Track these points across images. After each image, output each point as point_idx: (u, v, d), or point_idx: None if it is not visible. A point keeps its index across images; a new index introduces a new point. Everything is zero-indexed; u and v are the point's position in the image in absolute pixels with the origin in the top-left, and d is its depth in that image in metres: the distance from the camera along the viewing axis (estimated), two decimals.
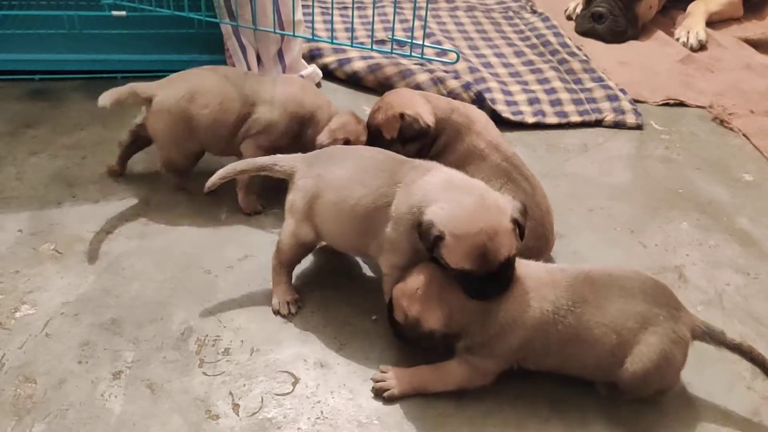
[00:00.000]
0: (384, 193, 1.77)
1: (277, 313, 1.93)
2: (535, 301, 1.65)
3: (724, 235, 2.38)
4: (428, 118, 2.08)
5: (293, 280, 2.00)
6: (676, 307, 1.69)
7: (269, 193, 2.37)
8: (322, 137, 2.18)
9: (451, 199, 1.64)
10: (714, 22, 3.97)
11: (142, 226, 2.22)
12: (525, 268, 1.72)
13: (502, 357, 1.69)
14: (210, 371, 1.76)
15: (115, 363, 1.76)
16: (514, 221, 1.63)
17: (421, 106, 2.11)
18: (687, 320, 1.69)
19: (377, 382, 1.72)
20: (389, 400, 1.70)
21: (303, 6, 3.59)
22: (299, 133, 2.27)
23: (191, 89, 2.22)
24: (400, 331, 1.73)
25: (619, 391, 1.70)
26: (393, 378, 1.72)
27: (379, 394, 1.71)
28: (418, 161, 1.84)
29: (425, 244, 1.64)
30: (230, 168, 1.95)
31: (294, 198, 1.89)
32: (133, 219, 2.25)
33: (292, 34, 2.84)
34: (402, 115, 2.07)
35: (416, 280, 1.68)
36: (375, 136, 2.16)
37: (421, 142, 2.10)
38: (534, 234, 1.96)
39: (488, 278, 1.61)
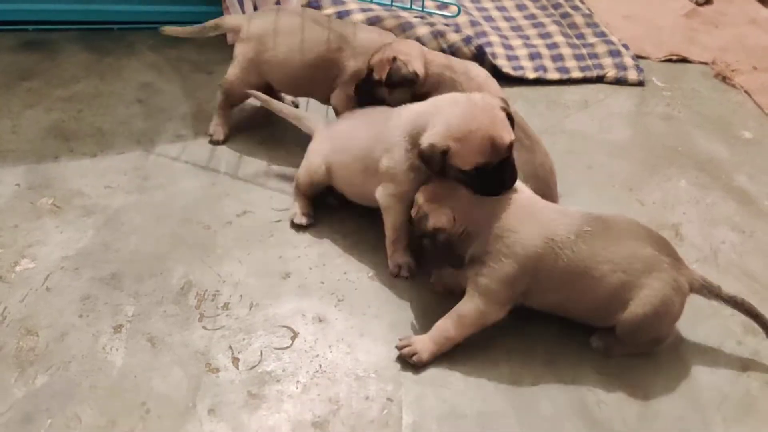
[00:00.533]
0: (379, 137, 1.92)
1: (292, 223, 2.08)
2: (535, 219, 1.70)
3: (721, 192, 2.38)
4: (417, 67, 2.08)
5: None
6: (677, 258, 1.73)
7: (273, 150, 2.37)
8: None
9: (440, 114, 1.77)
10: None
11: (141, 180, 2.22)
12: (534, 198, 1.79)
13: (507, 280, 1.68)
14: (210, 325, 1.78)
15: (116, 317, 1.78)
16: (503, 109, 1.78)
17: (415, 56, 2.10)
18: (686, 273, 1.73)
19: (402, 348, 1.72)
20: (419, 366, 1.70)
21: None
22: None
23: (273, 28, 2.31)
24: (417, 232, 1.81)
25: (615, 342, 1.73)
26: (416, 341, 1.72)
27: (407, 360, 1.71)
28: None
29: (434, 167, 1.75)
30: (272, 102, 2.29)
31: (313, 145, 2.15)
32: (132, 173, 2.24)
33: None
34: (394, 59, 2.07)
35: (427, 189, 1.79)
36: (368, 75, 2.16)
37: (408, 90, 2.09)
38: (538, 194, 1.96)
39: (500, 169, 1.73)
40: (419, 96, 2.09)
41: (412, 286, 1.92)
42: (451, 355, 1.74)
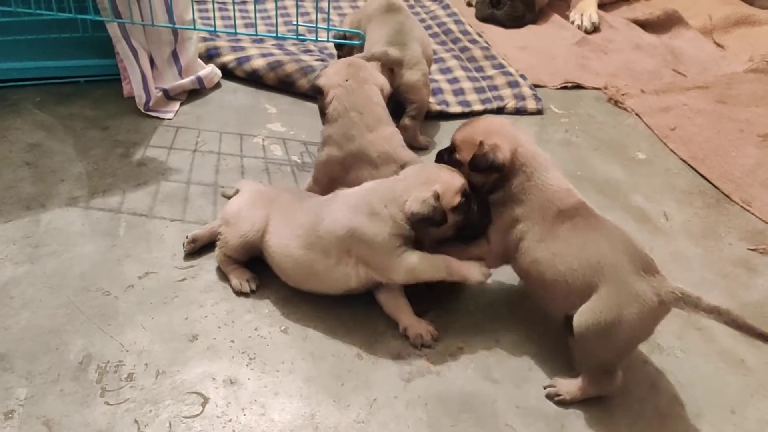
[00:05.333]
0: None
1: (239, 293, 1.99)
2: None
3: (621, 213, 2.48)
4: (323, 81, 2.21)
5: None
6: (650, 268, 1.74)
7: (175, 207, 2.29)
8: None
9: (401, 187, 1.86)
10: (605, 3, 4.12)
11: (32, 248, 2.09)
12: None
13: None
14: (113, 400, 1.68)
15: (6, 402, 1.65)
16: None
17: (333, 74, 2.22)
18: (658, 284, 1.73)
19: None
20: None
21: (199, 2, 3.48)
22: None
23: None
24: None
25: (568, 388, 1.77)
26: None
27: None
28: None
29: (434, 218, 1.80)
30: None
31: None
32: (22, 242, 2.11)
33: (192, 27, 2.72)
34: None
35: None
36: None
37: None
38: None
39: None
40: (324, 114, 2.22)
41: (326, 336, 1.88)
42: (368, 403, 1.71)
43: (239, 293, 1.98)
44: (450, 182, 1.84)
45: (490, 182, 1.86)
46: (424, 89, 2.68)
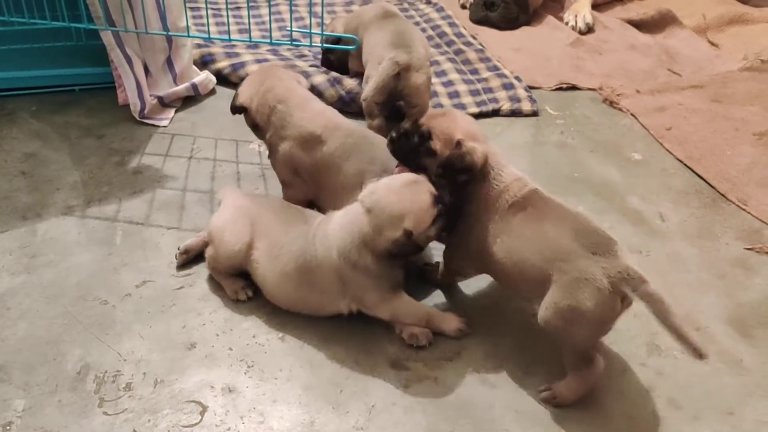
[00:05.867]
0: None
1: (236, 301, 1.99)
2: None
3: (617, 215, 2.48)
4: (242, 98, 2.24)
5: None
6: (599, 250, 1.73)
7: (171, 214, 2.28)
8: None
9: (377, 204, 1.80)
10: (599, 4, 4.12)
11: (29, 259, 2.09)
12: None
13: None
14: (111, 410, 1.68)
15: (4, 414, 1.65)
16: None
17: (248, 87, 2.24)
18: (609, 265, 1.72)
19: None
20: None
21: (193, 9, 3.48)
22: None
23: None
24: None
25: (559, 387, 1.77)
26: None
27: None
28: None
29: (409, 253, 1.80)
30: None
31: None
32: (18, 252, 2.11)
33: (186, 34, 2.73)
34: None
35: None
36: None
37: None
38: None
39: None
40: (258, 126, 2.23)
41: (323, 343, 1.88)
42: (366, 410, 1.71)
43: (236, 301, 1.98)
44: (420, 207, 1.77)
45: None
46: (427, 93, 2.67)
